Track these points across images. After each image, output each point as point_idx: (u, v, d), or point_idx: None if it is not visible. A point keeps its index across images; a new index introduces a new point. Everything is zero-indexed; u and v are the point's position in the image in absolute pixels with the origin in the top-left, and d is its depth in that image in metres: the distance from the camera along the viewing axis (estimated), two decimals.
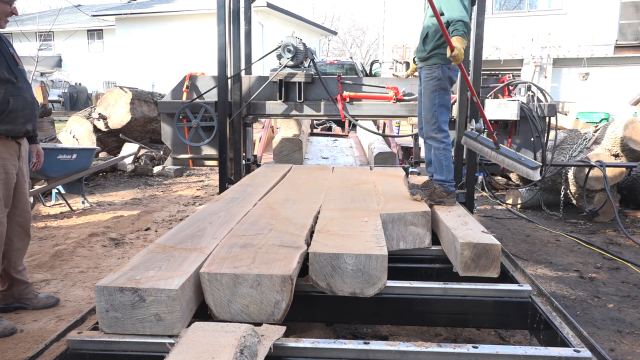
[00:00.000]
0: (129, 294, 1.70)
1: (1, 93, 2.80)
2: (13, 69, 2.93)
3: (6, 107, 2.81)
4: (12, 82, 2.88)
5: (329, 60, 14.20)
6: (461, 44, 3.03)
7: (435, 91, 3.24)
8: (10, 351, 2.77)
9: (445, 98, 3.26)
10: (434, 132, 3.27)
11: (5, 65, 2.86)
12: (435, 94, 3.25)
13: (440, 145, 3.27)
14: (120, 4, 27.96)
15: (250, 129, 4.70)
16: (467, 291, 2.21)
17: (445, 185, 3.22)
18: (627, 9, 17.91)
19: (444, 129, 3.26)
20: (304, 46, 4.44)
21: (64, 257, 4.40)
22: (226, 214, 2.72)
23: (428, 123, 3.29)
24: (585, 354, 1.75)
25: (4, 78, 2.82)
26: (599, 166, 5.49)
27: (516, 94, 4.34)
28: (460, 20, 3.04)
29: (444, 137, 3.26)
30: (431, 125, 3.27)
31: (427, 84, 3.28)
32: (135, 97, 8.88)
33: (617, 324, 3.35)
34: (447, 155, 3.28)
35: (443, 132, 3.26)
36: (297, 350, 1.73)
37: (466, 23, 3.06)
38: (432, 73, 3.24)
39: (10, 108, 2.84)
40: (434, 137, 3.28)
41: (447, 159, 3.27)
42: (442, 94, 3.24)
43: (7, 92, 2.83)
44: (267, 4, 21.23)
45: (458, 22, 3.05)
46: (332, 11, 58.44)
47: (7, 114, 2.83)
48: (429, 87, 3.27)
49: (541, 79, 18.06)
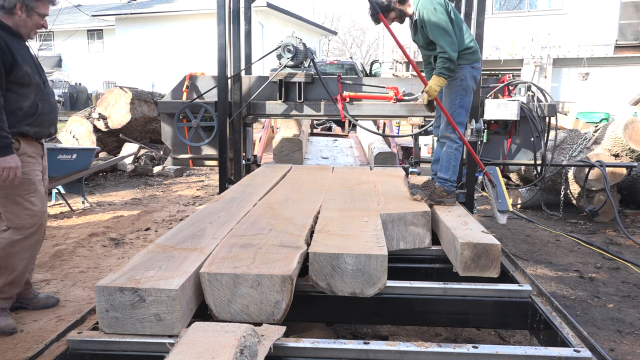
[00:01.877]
0: (129, 294, 1.70)
1: (31, 97, 2.88)
2: (41, 74, 3.02)
3: (35, 110, 2.90)
4: (41, 87, 2.96)
5: (329, 60, 14.20)
6: (436, 84, 3.15)
7: (457, 92, 3.26)
8: (10, 351, 2.77)
9: (465, 99, 3.28)
10: (450, 132, 3.29)
11: (35, 70, 2.94)
12: (456, 94, 3.27)
13: (454, 145, 3.29)
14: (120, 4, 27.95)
15: (250, 129, 4.70)
16: (467, 291, 2.21)
17: (447, 185, 3.23)
18: (627, 9, 17.91)
19: (460, 130, 3.28)
20: (304, 46, 4.44)
21: (64, 257, 4.41)
22: (226, 214, 2.72)
23: (445, 122, 3.30)
24: (585, 354, 1.75)
25: (34, 82, 2.90)
26: (599, 166, 5.49)
27: (516, 94, 4.34)
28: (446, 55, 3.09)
29: (458, 138, 3.28)
30: (447, 124, 3.28)
31: (449, 84, 3.28)
32: (135, 97, 8.88)
33: (617, 324, 3.35)
34: (457, 156, 3.30)
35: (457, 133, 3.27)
36: (297, 350, 1.73)
37: (452, 59, 3.09)
38: (456, 73, 3.24)
39: (38, 112, 2.93)
40: (448, 137, 3.30)
41: (456, 159, 3.30)
42: (463, 94, 3.26)
43: (37, 97, 2.92)
44: (267, 4, 21.23)
45: (442, 59, 3.11)
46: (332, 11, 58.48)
47: (36, 117, 2.92)
48: (451, 87, 3.28)
49: (541, 79, 18.06)
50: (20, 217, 2.88)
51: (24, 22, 2.83)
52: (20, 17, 2.81)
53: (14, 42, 2.80)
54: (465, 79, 3.24)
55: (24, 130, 2.88)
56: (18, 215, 2.88)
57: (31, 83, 2.88)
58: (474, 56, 3.28)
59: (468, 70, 3.25)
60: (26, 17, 2.82)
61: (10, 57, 2.74)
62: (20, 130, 2.85)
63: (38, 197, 2.94)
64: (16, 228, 2.89)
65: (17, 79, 2.79)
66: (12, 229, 2.90)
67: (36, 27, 2.91)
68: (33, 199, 2.91)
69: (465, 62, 3.24)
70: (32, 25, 2.88)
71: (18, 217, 2.88)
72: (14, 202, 2.86)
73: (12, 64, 2.75)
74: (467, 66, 3.24)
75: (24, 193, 2.87)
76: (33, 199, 2.91)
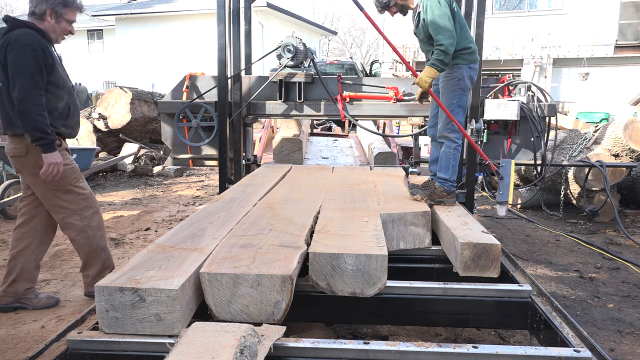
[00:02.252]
0: (129, 294, 1.70)
1: (64, 100, 3.05)
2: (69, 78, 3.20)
3: (68, 112, 3.10)
4: (72, 90, 3.16)
5: (329, 60, 14.19)
6: (426, 75, 3.14)
7: (455, 91, 3.26)
8: (10, 351, 2.77)
9: (462, 99, 3.28)
10: (448, 132, 3.29)
11: (66, 74, 3.12)
12: (454, 93, 3.26)
13: (452, 145, 3.29)
14: (120, 4, 27.93)
15: (250, 129, 4.70)
16: (467, 291, 2.21)
17: (447, 185, 3.23)
18: (627, 9, 17.91)
19: (457, 129, 3.28)
20: (304, 46, 4.44)
21: (64, 257, 4.41)
22: (226, 214, 2.72)
23: (444, 122, 3.30)
24: (585, 354, 1.75)
25: (67, 86, 3.08)
26: (599, 166, 5.49)
27: (516, 94, 4.34)
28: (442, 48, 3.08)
29: (456, 137, 3.28)
30: (446, 124, 3.28)
31: (446, 84, 3.29)
32: (135, 97, 8.88)
33: (617, 324, 3.35)
34: (456, 156, 3.30)
35: (457, 132, 3.27)
36: (297, 350, 1.73)
37: (447, 52, 3.08)
38: (453, 73, 3.25)
39: (70, 113, 3.13)
40: (447, 137, 3.30)
41: (455, 159, 3.30)
42: (460, 94, 3.26)
43: (69, 99, 3.10)
44: (267, 4, 21.22)
45: (438, 51, 3.10)
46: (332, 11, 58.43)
47: (69, 118, 3.12)
48: (449, 86, 3.28)
49: (541, 79, 18.06)
50: (77, 203, 3.10)
51: (53, 27, 2.96)
52: (49, 23, 2.94)
53: (48, 45, 2.94)
54: (462, 78, 3.24)
55: (60, 130, 3.06)
56: (74, 201, 3.09)
57: (65, 86, 3.06)
58: (472, 57, 3.28)
59: (466, 71, 3.25)
60: (55, 23, 2.96)
61: (51, 59, 2.90)
62: (58, 130, 3.03)
63: (84, 182, 3.20)
64: (75, 213, 3.10)
65: (54, 81, 2.95)
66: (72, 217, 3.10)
67: (64, 33, 3.05)
68: (82, 184, 3.15)
69: (463, 62, 3.24)
70: (60, 31, 3.02)
71: (75, 203, 3.10)
72: (67, 191, 3.06)
73: (52, 67, 2.91)
74: (465, 66, 3.24)
75: (73, 181, 3.09)
76: (82, 184, 3.15)
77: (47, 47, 2.89)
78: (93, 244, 3.20)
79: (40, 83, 2.83)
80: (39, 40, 2.85)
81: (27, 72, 2.78)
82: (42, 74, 2.84)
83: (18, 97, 2.78)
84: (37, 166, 2.93)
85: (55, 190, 3.03)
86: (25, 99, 2.78)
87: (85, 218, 3.13)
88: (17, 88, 2.78)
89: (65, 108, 3.06)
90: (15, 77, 2.78)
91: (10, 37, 2.81)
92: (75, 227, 3.13)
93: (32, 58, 2.79)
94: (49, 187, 3.01)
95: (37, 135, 2.81)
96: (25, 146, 2.93)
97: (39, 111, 2.81)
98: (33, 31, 2.86)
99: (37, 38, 2.85)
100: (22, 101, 2.78)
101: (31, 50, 2.79)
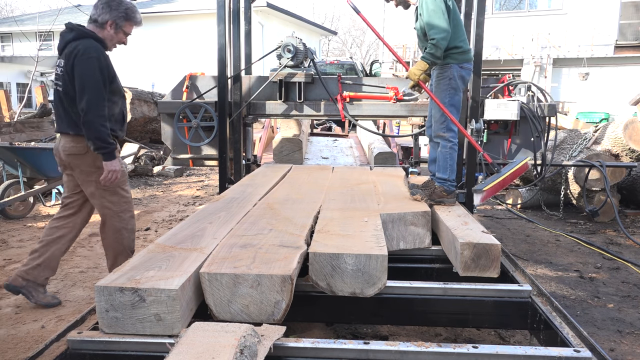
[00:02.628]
0: (129, 294, 1.70)
1: (119, 106, 3.25)
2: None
3: (122, 117, 3.31)
4: (125, 97, 3.40)
5: (329, 60, 14.19)
6: (417, 68, 3.18)
7: (446, 90, 3.27)
8: (10, 351, 2.77)
9: (455, 98, 3.28)
10: (442, 131, 3.29)
11: (120, 81, 3.27)
12: (445, 93, 3.27)
13: (448, 144, 3.29)
14: None
15: (250, 129, 4.70)
16: (467, 291, 2.21)
17: (446, 185, 3.23)
18: (627, 9, 17.91)
19: (453, 128, 3.28)
20: (304, 46, 4.44)
21: (64, 257, 4.39)
22: (226, 214, 2.72)
23: (437, 122, 3.31)
24: (585, 354, 1.75)
25: (122, 93, 3.30)
26: (599, 166, 5.49)
27: (516, 94, 4.34)
28: (434, 42, 3.10)
29: (451, 137, 3.28)
30: (440, 124, 3.29)
31: (438, 83, 3.30)
32: (135, 97, 8.87)
33: (617, 324, 3.35)
34: (452, 155, 3.30)
35: (451, 131, 3.28)
36: (297, 350, 1.73)
37: (438, 46, 3.10)
38: (444, 72, 3.26)
39: (124, 118, 3.35)
40: (442, 136, 3.30)
41: (452, 158, 3.30)
42: (452, 93, 3.26)
43: (122, 105, 3.31)
44: (267, 4, 21.22)
45: (430, 44, 3.13)
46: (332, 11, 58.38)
47: (123, 123, 3.33)
48: (440, 86, 3.29)
49: (541, 79, 18.06)
50: (119, 205, 3.25)
51: (110, 37, 3.14)
52: (108, 33, 3.13)
53: (108, 57, 3.12)
54: (453, 78, 3.24)
55: (117, 134, 3.25)
56: (117, 203, 3.24)
57: (120, 93, 3.27)
58: (463, 56, 3.26)
59: (456, 70, 3.24)
60: (114, 33, 3.14)
61: (113, 71, 3.10)
62: (116, 133, 3.22)
63: (128, 185, 3.38)
64: (116, 214, 3.24)
65: (113, 90, 3.13)
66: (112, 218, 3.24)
67: (118, 43, 3.24)
68: (126, 187, 3.32)
69: (454, 61, 3.23)
70: (116, 41, 3.21)
71: (117, 204, 3.24)
72: (114, 192, 3.22)
73: (113, 78, 3.11)
74: (456, 65, 3.24)
75: (121, 184, 3.24)
76: (126, 188, 3.32)
77: (108, 59, 3.09)
78: (124, 245, 3.30)
79: (104, 94, 3.01)
80: (103, 53, 3.05)
81: (93, 85, 2.95)
82: (106, 85, 3.02)
83: (84, 108, 2.94)
84: (92, 165, 3.12)
85: (103, 190, 3.18)
86: (90, 110, 2.94)
87: (123, 220, 3.27)
88: (85, 100, 2.94)
89: (120, 113, 3.26)
90: (82, 89, 2.94)
91: (78, 48, 2.97)
92: (113, 228, 3.26)
93: (99, 72, 2.97)
94: (99, 187, 3.17)
95: (99, 144, 2.99)
96: (85, 146, 3.08)
97: (102, 122, 2.98)
98: (97, 43, 3.04)
99: (101, 50, 3.04)
100: (88, 112, 2.94)
101: (97, 63, 2.97)
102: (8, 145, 5.81)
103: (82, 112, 2.94)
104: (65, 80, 3.02)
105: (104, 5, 3.09)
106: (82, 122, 2.96)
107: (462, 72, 3.28)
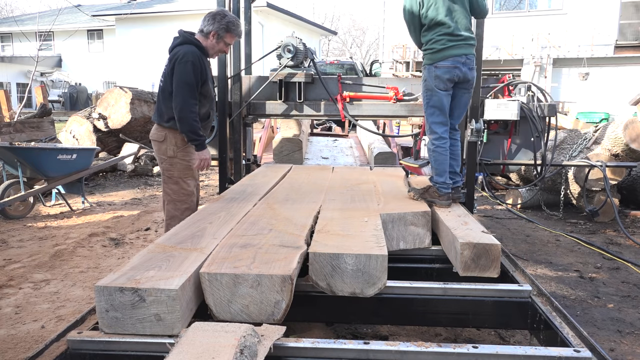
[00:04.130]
0: (129, 294, 1.70)
1: (207, 107, 3.51)
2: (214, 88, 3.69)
3: (207, 118, 3.56)
4: (214, 100, 3.69)
5: (329, 60, 14.18)
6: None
7: (424, 92, 3.27)
8: (10, 351, 2.77)
9: (433, 99, 3.20)
10: (428, 134, 3.30)
11: (212, 84, 3.56)
12: (424, 95, 3.28)
13: (431, 147, 3.25)
14: (120, 4, 27.94)
15: (250, 129, 4.70)
16: (467, 291, 2.21)
17: (438, 187, 3.20)
18: (627, 9, 17.91)
19: (435, 130, 3.22)
20: (304, 46, 4.43)
21: (64, 257, 4.40)
22: (226, 214, 2.72)
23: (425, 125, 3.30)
24: (585, 354, 1.75)
25: (211, 96, 3.56)
26: (599, 166, 5.49)
27: (516, 94, 4.34)
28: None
29: (434, 139, 3.23)
30: (426, 127, 3.30)
31: (421, 87, 3.31)
32: (135, 97, 8.87)
33: (617, 324, 3.35)
34: (437, 158, 3.23)
35: (434, 133, 3.22)
36: (297, 350, 1.73)
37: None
38: (422, 75, 3.28)
39: (209, 119, 3.64)
40: (428, 139, 3.30)
41: (436, 161, 3.23)
42: (429, 95, 3.22)
43: (210, 107, 3.56)
44: (267, 4, 21.23)
45: None
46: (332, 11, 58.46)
47: (207, 123, 3.59)
48: (421, 90, 3.32)
49: (541, 79, 18.06)
50: (177, 194, 3.48)
51: (212, 45, 3.44)
52: (211, 42, 3.42)
53: (204, 61, 3.40)
54: (427, 79, 3.21)
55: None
56: (176, 192, 3.49)
57: (210, 96, 3.53)
58: (436, 55, 3.17)
59: (431, 70, 3.18)
60: (215, 42, 3.42)
61: (205, 75, 3.36)
62: None
63: (192, 180, 3.57)
64: (173, 202, 3.49)
65: (203, 92, 3.40)
66: (169, 203, 3.49)
67: (219, 51, 3.53)
68: (189, 181, 3.52)
69: (428, 62, 3.21)
70: (217, 50, 3.49)
71: (175, 193, 3.49)
72: (175, 182, 3.47)
73: (204, 81, 3.38)
74: (430, 66, 3.19)
75: (184, 176, 3.48)
76: (189, 182, 3.52)
77: (204, 64, 3.37)
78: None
79: (196, 94, 3.30)
80: (200, 58, 3.32)
81: (187, 85, 3.25)
82: (198, 86, 3.31)
83: (178, 105, 3.24)
84: (164, 153, 3.43)
85: (167, 177, 3.48)
86: (183, 108, 3.25)
87: (177, 209, 3.49)
88: (179, 97, 3.24)
89: (206, 114, 3.52)
90: (178, 88, 3.25)
91: (180, 51, 3.30)
92: (168, 213, 3.52)
93: (192, 74, 3.26)
94: (165, 173, 3.48)
95: (191, 136, 3.31)
96: (165, 135, 3.39)
97: (194, 117, 3.28)
98: (197, 49, 3.33)
99: (199, 55, 3.32)
100: (181, 109, 3.25)
101: (192, 67, 3.25)
102: (8, 145, 5.81)
103: (176, 110, 3.25)
104: (166, 78, 3.35)
105: (210, 18, 3.39)
106: (177, 119, 3.27)
107: (437, 71, 3.16)
